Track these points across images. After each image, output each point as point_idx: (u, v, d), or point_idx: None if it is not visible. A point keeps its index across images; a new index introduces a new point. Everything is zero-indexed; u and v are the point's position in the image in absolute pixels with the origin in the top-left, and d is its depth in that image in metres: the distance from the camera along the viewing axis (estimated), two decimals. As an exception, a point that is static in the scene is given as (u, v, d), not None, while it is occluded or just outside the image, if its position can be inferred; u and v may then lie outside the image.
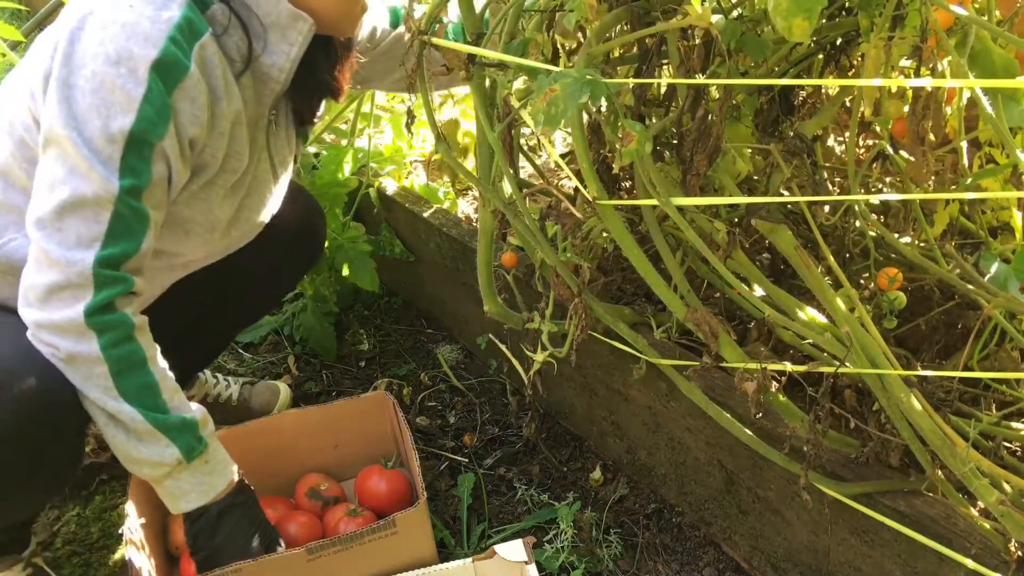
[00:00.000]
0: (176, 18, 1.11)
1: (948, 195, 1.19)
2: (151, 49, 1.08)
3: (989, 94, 0.95)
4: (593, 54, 1.10)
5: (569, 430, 1.75)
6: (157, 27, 1.09)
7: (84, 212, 1.09)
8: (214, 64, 1.16)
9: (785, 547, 1.32)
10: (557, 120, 0.95)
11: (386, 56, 1.55)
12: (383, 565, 1.36)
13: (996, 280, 1.09)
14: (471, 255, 1.71)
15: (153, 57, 1.08)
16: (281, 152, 1.39)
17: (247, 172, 1.31)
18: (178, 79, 1.11)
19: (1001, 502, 0.94)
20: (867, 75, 1.09)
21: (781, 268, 1.48)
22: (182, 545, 1.48)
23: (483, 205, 1.39)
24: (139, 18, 1.09)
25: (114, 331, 1.12)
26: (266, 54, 1.22)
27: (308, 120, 1.42)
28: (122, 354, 1.14)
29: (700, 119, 1.11)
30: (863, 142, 1.53)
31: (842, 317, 1.03)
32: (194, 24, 1.13)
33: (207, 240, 1.35)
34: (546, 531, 1.52)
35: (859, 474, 1.15)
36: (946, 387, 1.13)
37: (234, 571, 1.28)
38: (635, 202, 1.18)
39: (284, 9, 1.19)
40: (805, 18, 0.87)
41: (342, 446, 1.61)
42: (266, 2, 1.18)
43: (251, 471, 1.51)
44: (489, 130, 1.24)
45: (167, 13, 1.11)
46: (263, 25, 1.20)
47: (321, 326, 2.04)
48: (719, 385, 1.31)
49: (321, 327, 2.04)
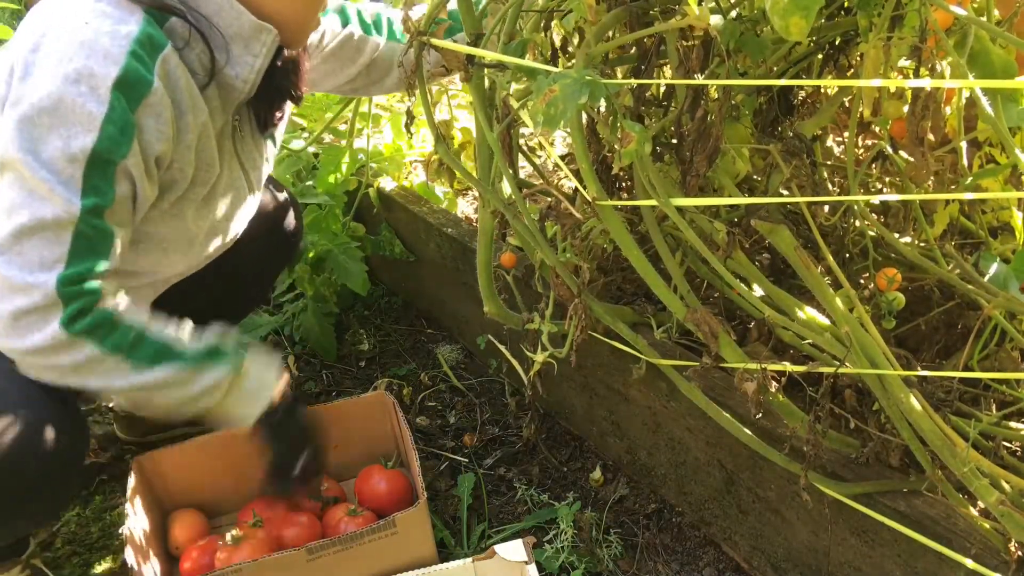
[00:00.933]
0: (135, 32, 1.08)
1: (948, 195, 1.19)
2: (112, 67, 1.06)
3: (988, 94, 0.95)
4: (592, 55, 1.10)
5: (569, 430, 1.75)
6: (117, 43, 1.07)
7: (45, 235, 1.06)
8: (177, 77, 1.14)
9: (785, 547, 1.32)
10: (556, 121, 0.95)
11: (334, 57, 1.54)
12: (383, 565, 1.36)
13: (996, 280, 1.09)
14: (471, 255, 1.71)
15: (115, 75, 1.06)
16: (251, 157, 1.38)
17: (219, 182, 1.30)
18: (142, 95, 1.09)
19: (1001, 502, 0.94)
20: (866, 75, 1.09)
21: (781, 268, 1.48)
22: (182, 545, 1.49)
23: (483, 206, 1.39)
24: (97, 35, 1.06)
25: (100, 328, 1.12)
26: (229, 66, 1.20)
27: (270, 124, 1.40)
28: (120, 340, 1.14)
29: (699, 119, 1.11)
30: (862, 142, 1.53)
31: (842, 317, 1.03)
32: (154, 38, 1.10)
33: (187, 254, 1.35)
34: (546, 531, 1.52)
35: (859, 474, 1.15)
36: (946, 387, 1.12)
37: (234, 571, 1.29)
38: (635, 202, 1.18)
39: (246, 21, 1.17)
40: (802, 16, 0.87)
41: (342, 446, 1.61)
42: (227, 13, 1.16)
43: (251, 471, 1.51)
44: (488, 131, 1.24)
45: (126, 28, 1.08)
46: (224, 37, 1.17)
47: (321, 326, 2.04)
48: (719, 385, 1.31)
49: (321, 327, 2.04)
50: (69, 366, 1.11)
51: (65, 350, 1.10)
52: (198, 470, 1.55)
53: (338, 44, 1.53)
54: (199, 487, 1.56)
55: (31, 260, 1.07)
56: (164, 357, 1.18)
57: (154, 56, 1.10)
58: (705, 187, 1.34)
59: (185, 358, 1.20)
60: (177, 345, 1.20)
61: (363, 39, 1.56)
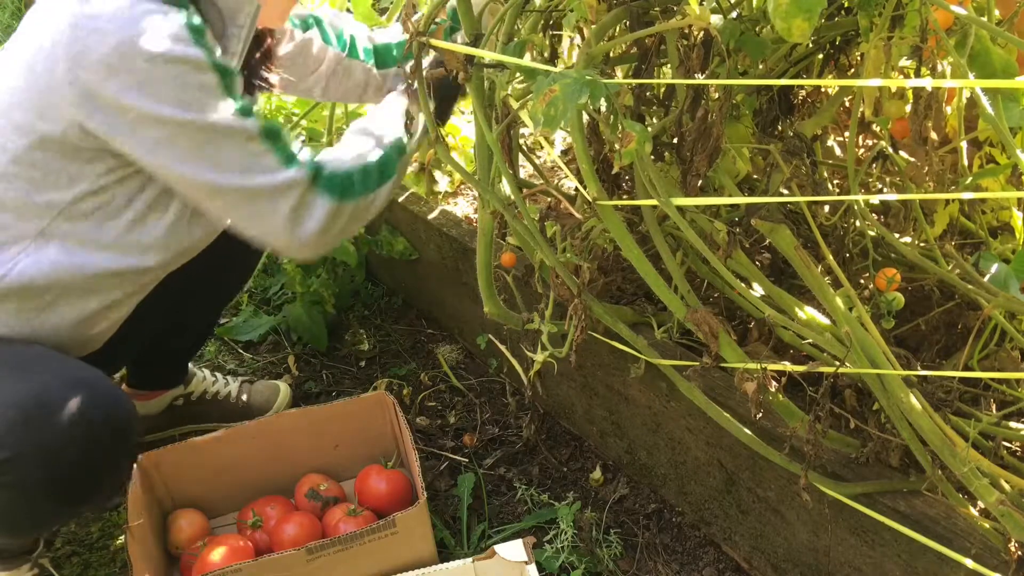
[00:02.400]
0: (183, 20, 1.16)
1: (948, 195, 1.19)
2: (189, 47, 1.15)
3: (989, 94, 0.95)
4: (592, 54, 1.10)
5: (569, 430, 1.75)
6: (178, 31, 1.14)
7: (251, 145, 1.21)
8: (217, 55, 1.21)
9: (785, 547, 1.32)
10: (556, 121, 0.95)
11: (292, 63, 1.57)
12: (383, 565, 1.36)
13: (996, 280, 1.09)
14: (471, 255, 1.71)
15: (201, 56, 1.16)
16: None
17: None
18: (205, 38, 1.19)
19: (1001, 502, 0.94)
20: (866, 75, 1.09)
21: (781, 268, 1.48)
22: (182, 545, 1.49)
23: (482, 206, 1.39)
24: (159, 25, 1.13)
25: (343, 184, 1.30)
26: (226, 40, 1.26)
27: None
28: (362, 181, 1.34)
29: (700, 119, 1.11)
30: (863, 142, 1.53)
31: (842, 317, 1.03)
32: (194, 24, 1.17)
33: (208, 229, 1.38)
34: (546, 531, 1.52)
35: (859, 474, 1.15)
36: (946, 387, 1.12)
37: (234, 571, 1.29)
38: (635, 202, 1.18)
39: None
40: (805, 19, 0.87)
41: (342, 446, 1.61)
42: None
43: (251, 471, 1.52)
44: (488, 131, 1.24)
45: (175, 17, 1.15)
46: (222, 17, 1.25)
47: (309, 315, 2.03)
48: (719, 385, 1.31)
49: (309, 316, 2.03)
50: (347, 222, 1.32)
51: (339, 216, 1.30)
52: (198, 470, 1.55)
53: (296, 49, 1.57)
54: (199, 487, 1.56)
55: (269, 165, 1.23)
56: (386, 167, 1.37)
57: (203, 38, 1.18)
58: (705, 187, 1.34)
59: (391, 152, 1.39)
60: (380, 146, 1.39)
61: (323, 49, 1.61)
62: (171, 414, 1.79)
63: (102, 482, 1.24)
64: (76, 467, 1.16)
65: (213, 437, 1.54)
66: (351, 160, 1.35)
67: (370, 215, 1.38)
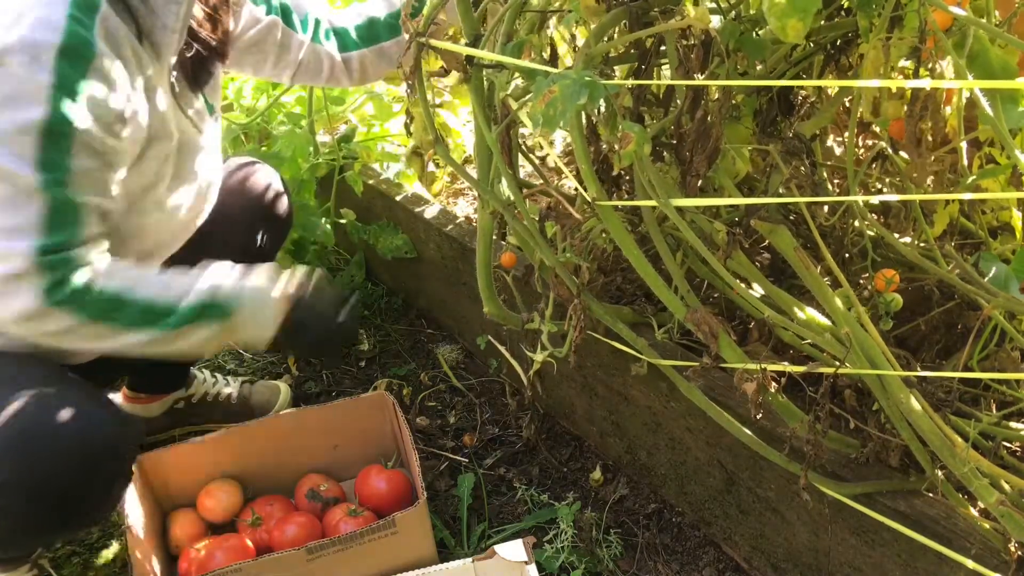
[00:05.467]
0: None
1: (948, 195, 1.19)
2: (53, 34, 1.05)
3: (988, 95, 0.95)
4: (592, 55, 1.10)
5: (569, 430, 1.75)
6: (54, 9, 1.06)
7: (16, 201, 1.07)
8: (118, 34, 1.13)
9: (785, 547, 1.32)
10: (555, 122, 0.95)
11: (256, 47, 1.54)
12: (383, 565, 1.36)
13: (996, 280, 1.09)
14: (471, 255, 1.71)
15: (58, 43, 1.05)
16: (198, 113, 1.38)
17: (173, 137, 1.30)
18: (88, 61, 1.08)
19: (1001, 502, 0.94)
20: (866, 75, 1.09)
21: (781, 268, 1.48)
22: (182, 545, 1.49)
23: (482, 206, 1.39)
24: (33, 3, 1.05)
25: (78, 297, 1.13)
26: (156, 15, 1.18)
27: (204, 83, 1.39)
28: (100, 307, 1.15)
29: (699, 120, 1.11)
30: (862, 142, 1.53)
31: (842, 317, 1.03)
32: None
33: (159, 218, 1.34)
34: (546, 531, 1.52)
35: (859, 474, 1.15)
36: (946, 387, 1.12)
37: (234, 571, 1.29)
38: (634, 203, 1.18)
39: None
40: (799, 19, 0.87)
41: (342, 446, 1.61)
42: None
43: (251, 471, 1.52)
44: (487, 131, 1.24)
45: None
46: None
47: None
48: (719, 385, 1.31)
49: None
50: (54, 332, 1.13)
51: (47, 318, 1.12)
52: (198, 470, 1.55)
53: (259, 34, 1.53)
54: (199, 487, 1.56)
55: (4, 227, 1.07)
56: (148, 320, 1.18)
57: (92, 17, 1.09)
58: (705, 187, 1.34)
59: (171, 318, 1.19)
60: (165, 302, 1.20)
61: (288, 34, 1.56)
62: (172, 416, 1.79)
63: (94, 506, 1.22)
64: (67, 492, 1.15)
65: (213, 437, 1.54)
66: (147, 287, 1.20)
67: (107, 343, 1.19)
